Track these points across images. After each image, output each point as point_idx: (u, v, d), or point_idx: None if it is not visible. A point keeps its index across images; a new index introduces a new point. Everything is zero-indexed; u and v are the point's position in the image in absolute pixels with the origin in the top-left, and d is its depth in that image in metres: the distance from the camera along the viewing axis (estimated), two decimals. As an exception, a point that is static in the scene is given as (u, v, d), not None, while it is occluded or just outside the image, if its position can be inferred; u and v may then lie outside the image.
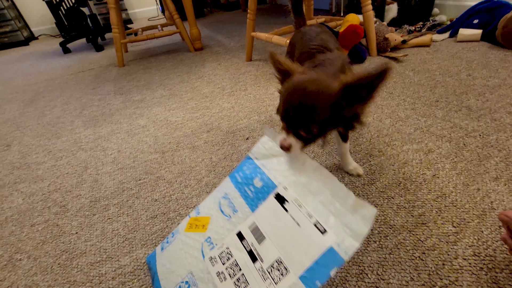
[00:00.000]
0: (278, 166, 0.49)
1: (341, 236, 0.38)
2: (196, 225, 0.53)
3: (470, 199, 0.58)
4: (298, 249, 0.40)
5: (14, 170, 0.93)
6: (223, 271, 0.44)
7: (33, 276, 0.56)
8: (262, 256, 0.42)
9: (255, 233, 0.45)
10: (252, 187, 0.49)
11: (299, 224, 0.41)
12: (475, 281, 0.44)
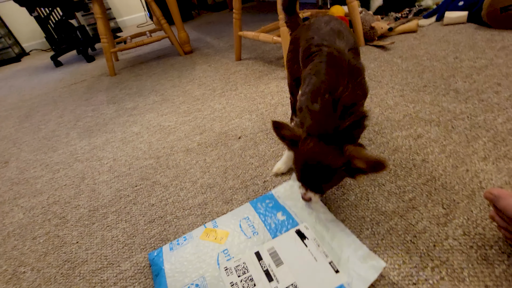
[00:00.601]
0: (301, 209, 0.57)
1: (351, 278, 0.44)
2: (214, 237, 0.56)
3: (459, 181, 0.59)
4: (313, 279, 0.45)
5: (13, 186, 0.94)
6: (237, 282, 0.46)
7: (37, 287, 0.58)
8: (278, 278, 0.46)
9: (273, 257, 0.49)
10: (274, 218, 0.56)
11: (316, 259, 0.47)
12: (465, 260, 0.45)
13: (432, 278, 0.44)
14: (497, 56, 1.02)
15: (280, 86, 1.20)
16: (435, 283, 0.43)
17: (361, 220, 0.55)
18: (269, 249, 0.50)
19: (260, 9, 3.15)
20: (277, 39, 1.24)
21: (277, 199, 0.61)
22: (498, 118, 0.73)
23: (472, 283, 0.42)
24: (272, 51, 1.66)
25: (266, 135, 0.89)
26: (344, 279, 0.44)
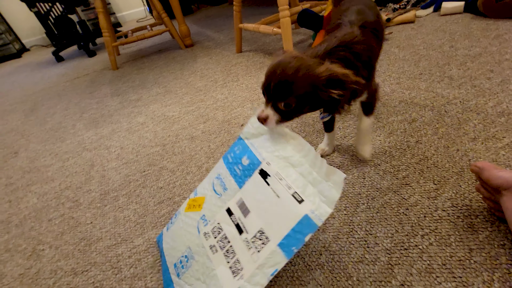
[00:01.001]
0: (264, 143, 0.52)
1: (316, 203, 0.41)
2: (193, 205, 0.57)
3: (450, 159, 0.63)
4: (277, 219, 0.43)
5: (25, 174, 0.98)
6: (214, 244, 0.48)
7: (57, 262, 0.62)
8: (247, 228, 0.45)
9: (241, 208, 0.48)
10: (240, 166, 0.52)
11: (279, 196, 0.44)
12: (452, 228, 0.49)
13: (422, 244, 0.48)
14: (491, 44, 1.05)
15: (280, 76, 1.23)
16: (424, 248, 0.47)
17: (358, 196, 0.59)
18: (237, 202, 0.49)
19: (259, 3, 3.15)
20: (277, 30, 1.27)
21: (244, 140, 0.56)
22: (489, 102, 0.77)
23: (457, 247, 0.46)
24: (272, 43, 1.68)
25: (267, 122, 0.93)
26: (308, 207, 0.41)
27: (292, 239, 0.40)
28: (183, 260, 0.50)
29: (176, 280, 0.49)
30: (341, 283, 0.46)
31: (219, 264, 0.46)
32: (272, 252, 0.41)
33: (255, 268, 0.42)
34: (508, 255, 0.44)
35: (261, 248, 0.42)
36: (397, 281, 0.44)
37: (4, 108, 1.74)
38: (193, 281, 0.47)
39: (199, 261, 0.48)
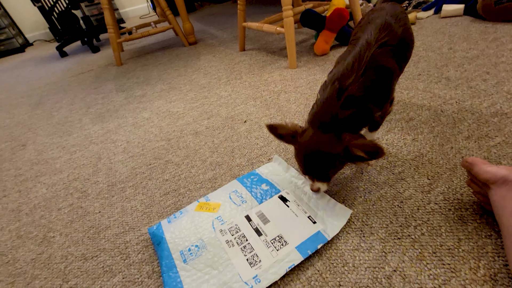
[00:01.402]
0: (282, 180, 0.67)
1: (325, 226, 0.54)
2: (206, 207, 0.63)
3: (444, 156, 0.66)
4: (295, 230, 0.54)
5: (34, 166, 1.01)
6: (231, 240, 0.55)
7: (67, 248, 0.65)
8: (267, 232, 0.55)
9: (261, 217, 0.58)
10: (260, 189, 0.65)
11: (297, 215, 0.57)
12: (443, 219, 0.52)
13: (414, 234, 0.51)
14: (489, 47, 1.08)
15: (283, 75, 1.26)
16: (417, 237, 0.50)
17: (355, 189, 0.62)
18: (257, 212, 0.60)
19: (263, 1, 3.17)
20: (281, 29, 1.29)
21: (261, 174, 0.70)
22: (484, 102, 0.79)
23: (447, 237, 0.49)
24: (275, 42, 1.71)
25: (270, 119, 0.96)
26: (320, 227, 0.54)
27: (307, 245, 0.51)
28: (193, 248, 0.54)
29: (181, 265, 0.52)
30: (338, 269, 0.49)
31: (235, 256, 0.52)
32: (290, 252, 0.51)
33: (274, 262, 0.50)
34: (494, 245, 0.47)
35: (280, 248, 0.52)
36: (390, 267, 0.47)
37: (10, 102, 1.77)
38: (202, 268, 0.51)
39: (212, 251, 0.53)
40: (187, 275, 0.50)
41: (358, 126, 0.53)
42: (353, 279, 0.47)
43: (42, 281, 0.59)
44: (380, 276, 0.46)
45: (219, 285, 0.48)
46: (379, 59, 0.51)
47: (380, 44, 0.53)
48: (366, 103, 0.51)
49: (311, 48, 1.50)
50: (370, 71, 0.50)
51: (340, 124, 0.50)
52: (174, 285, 0.49)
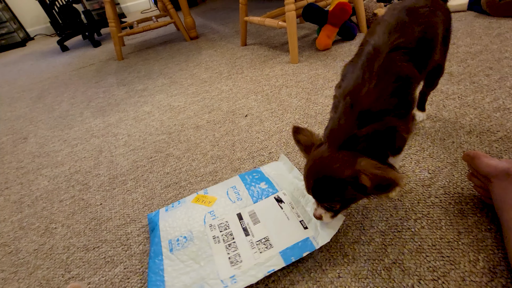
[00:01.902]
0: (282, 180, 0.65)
1: (317, 233, 0.51)
2: (203, 200, 0.64)
3: (445, 151, 0.65)
4: (283, 234, 0.53)
5: (35, 158, 1.02)
6: (218, 236, 0.55)
7: (69, 239, 0.66)
8: (254, 233, 0.54)
9: (252, 217, 0.58)
10: (258, 187, 0.64)
11: (289, 218, 0.56)
12: (443, 213, 0.52)
13: (414, 227, 0.51)
14: (492, 42, 1.07)
15: (284, 69, 1.26)
16: (416, 230, 0.51)
17: (356, 183, 0.62)
18: (249, 211, 0.59)
19: (264, -4, 3.15)
20: (283, 24, 1.28)
21: (263, 172, 0.69)
22: (486, 98, 0.79)
23: (447, 230, 0.49)
24: (277, 37, 1.70)
25: (271, 113, 0.96)
26: (310, 234, 0.51)
27: (292, 251, 0.49)
28: (181, 239, 0.55)
29: (166, 254, 0.53)
30: (338, 261, 0.49)
31: (219, 253, 0.52)
32: (273, 256, 0.49)
33: (254, 264, 0.49)
34: (493, 238, 0.47)
35: (264, 251, 0.51)
36: (389, 259, 0.47)
37: (11, 95, 1.77)
38: (186, 259, 0.52)
39: (198, 244, 0.54)
40: (169, 264, 0.51)
41: (381, 146, 0.44)
42: (353, 271, 0.47)
43: (45, 271, 0.59)
44: (379, 268, 0.47)
45: (196, 279, 0.48)
46: (393, 66, 0.44)
47: (392, 49, 0.45)
48: (385, 117, 0.43)
49: (313, 43, 1.49)
50: (384, 81, 0.43)
51: (360, 144, 0.42)
52: (157, 272, 0.50)
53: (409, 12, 0.49)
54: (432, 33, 0.50)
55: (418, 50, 0.47)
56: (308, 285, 0.47)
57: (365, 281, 0.45)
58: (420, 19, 0.48)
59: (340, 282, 0.46)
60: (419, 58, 0.47)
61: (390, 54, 0.45)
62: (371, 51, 0.46)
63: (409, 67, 0.45)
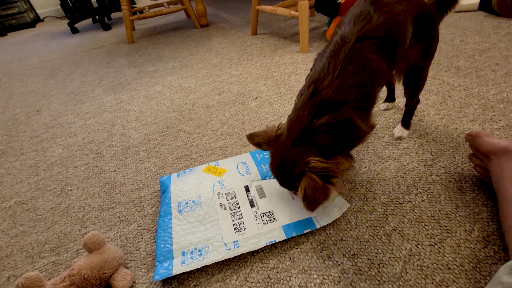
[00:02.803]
0: None
1: (320, 215, 0.53)
2: (213, 171, 0.67)
3: (448, 136, 0.68)
4: (287, 211, 0.55)
5: (49, 129, 1.05)
6: (225, 204, 0.58)
7: (85, 200, 0.69)
8: (259, 206, 0.57)
9: (259, 191, 0.60)
10: (267, 166, 0.65)
11: (294, 198, 0.57)
12: (443, 189, 0.55)
13: (415, 200, 0.54)
14: (501, 41, 1.09)
15: (294, 58, 1.28)
16: (417, 203, 0.54)
17: (360, 161, 0.65)
18: (256, 186, 0.61)
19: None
20: (295, 13, 1.30)
21: None
22: (491, 90, 0.81)
23: (446, 204, 0.52)
24: (287, 28, 1.72)
25: (280, 97, 0.99)
26: (313, 215, 0.54)
27: (294, 227, 0.52)
28: (190, 202, 0.59)
29: (175, 214, 0.57)
30: (341, 226, 0.52)
31: (224, 218, 0.55)
32: (275, 229, 0.52)
33: (256, 233, 0.52)
34: (489, 212, 0.50)
35: (267, 223, 0.53)
36: (390, 226, 0.50)
37: (23, 72, 1.80)
38: (193, 221, 0.55)
39: (205, 209, 0.57)
40: (177, 223, 0.55)
41: (337, 140, 0.45)
42: (355, 235, 0.50)
43: (62, 226, 0.63)
44: (380, 233, 0.50)
45: (202, 239, 0.52)
46: (358, 57, 0.44)
47: (358, 38, 0.44)
48: (342, 108, 0.43)
49: (323, 35, 1.51)
50: (347, 72, 0.43)
51: (316, 135, 0.44)
52: (165, 229, 0.54)
53: (373, 2, 0.47)
54: (396, 24, 0.48)
55: (388, 41, 0.46)
56: (312, 246, 0.50)
57: (366, 244, 0.48)
58: (383, 9, 0.46)
59: (342, 244, 0.49)
60: (386, 49, 0.46)
61: (356, 44, 0.44)
62: (338, 41, 0.45)
63: (376, 59, 0.45)
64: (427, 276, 0.43)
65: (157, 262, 0.49)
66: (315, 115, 0.44)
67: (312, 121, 0.44)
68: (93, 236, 0.49)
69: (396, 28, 0.47)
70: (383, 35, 0.46)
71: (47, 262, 0.55)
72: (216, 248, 0.50)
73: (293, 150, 0.46)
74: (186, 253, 0.50)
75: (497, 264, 0.42)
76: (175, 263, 0.48)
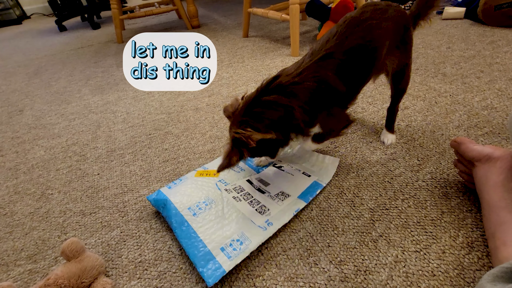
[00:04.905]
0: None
1: (320, 176, 0.62)
2: (206, 173, 0.66)
3: (434, 142, 0.69)
4: (293, 186, 0.60)
5: (31, 130, 1.01)
6: (238, 197, 0.59)
7: (66, 204, 0.66)
8: (269, 191, 0.60)
9: (261, 182, 0.63)
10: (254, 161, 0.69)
11: (293, 175, 0.64)
12: (429, 195, 0.56)
13: (401, 206, 0.54)
14: (485, 48, 1.12)
15: (285, 61, 1.28)
16: (403, 209, 0.54)
17: (349, 166, 0.65)
18: (256, 178, 0.64)
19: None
20: (286, 16, 1.31)
21: None
22: (476, 97, 0.83)
23: (432, 209, 0.53)
24: (279, 31, 1.72)
25: (270, 100, 0.98)
26: (315, 178, 0.62)
27: (307, 193, 0.58)
28: (201, 204, 0.58)
29: (191, 219, 0.54)
30: (328, 232, 0.52)
31: (245, 208, 0.56)
32: (293, 200, 0.57)
33: (280, 210, 0.55)
34: (473, 218, 0.50)
35: (284, 199, 0.58)
36: (377, 232, 0.50)
37: (6, 70, 1.74)
38: (213, 218, 0.55)
39: (220, 205, 0.57)
40: (199, 226, 0.53)
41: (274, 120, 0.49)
42: (342, 241, 0.50)
43: (40, 232, 0.60)
44: (367, 239, 0.49)
45: (233, 230, 0.51)
46: (319, 71, 0.50)
47: (323, 56, 0.51)
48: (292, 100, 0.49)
49: (314, 38, 1.52)
50: (307, 77, 0.50)
51: (253, 108, 0.49)
52: (189, 236, 0.51)
53: (351, 24, 0.53)
54: (370, 45, 0.53)
55: (347, 64, 0.52)
56: (299, 252, 0.49)
57: (353, 251, 0.48)
58: (359, 33, 0.52)
59: (329, 251, 0.49)
60: (347, 72, 0.52)
61: (319, 61, 0.51)
62: (309, 53, 0.53)
63: (333, 77, 0.51)
64: (412, 283, 0.42)
65: (199, 268, 0.46)
66: (266, 93, 0.50)
67: (260, 97, 0.49)
68: (72, 243, 0.47)
69: (367, 52, 0.53)
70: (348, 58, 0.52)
71: (23, 270, 0.53)
72: (254, 232, 0.50)
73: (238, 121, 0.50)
74: (226, 247, 0.49)
75: (480, 270, 0.43)
76: (221, 260, 0.47)
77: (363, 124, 0.79)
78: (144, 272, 0.49)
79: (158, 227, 0.57)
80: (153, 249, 0.53)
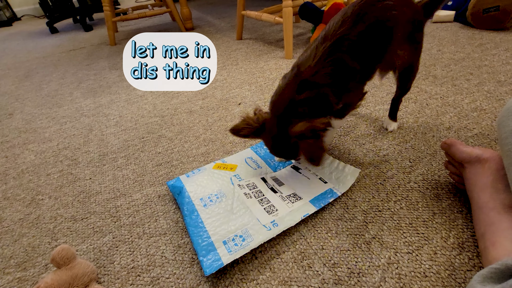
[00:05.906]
0: None
1: (337, 184, 0.60)
2: (224, 167, 0.68)
3: (426, 143, 0.70)
4: (307, 190, 0.59)
5: (21, 134, 0.99)
6: (249, 193, 0.59)
7: (57, 210, 0.65)
8: (282, 191, 0.60)
9: (276, 180, 0.63)
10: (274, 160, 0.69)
11: (309, 178, 0.63)
12: (421, 196, 0.56)
13: (394, 208, 0.55)
14: (474, 51, 1.14)
15: (278, 64, 1.29)
16: (396, 211, 0.54)
17: (342, 168, 0.66)
18: (272, 177, 0.64)
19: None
20: (279, 19, 1.31)
21: None
22: (465, 99, 0.85)
23: (423, 211, 0.53)
24: (273, 34, 1.73)
25: (264, 103, 0.98)
26: (331, 186, 0.59)
27: (320, 199, 0.57)
28: (212, 196, 0.59)
29: (201, 209, 0.56)
30: (322, 235, 0.52)
31: (253, 205, 0.56)
32: (304, 204, 0.56)
33: (289, 212, 0.54)
34: (464, 219, 0.51)
35: (295, 202, 0.57)
36: (369, 234, 0.51)
37: (-5, 72, 1.71)
38: (222, 212, 0.55)
39: (231, 199, 0.58)
40: (207, 217, 0.54)
41: (315, 110, 0.52)
42: (335, 244, 0.50)
43: (30, 239, 0.59)
44: (360, 242, 0.50)
45: (238, 225, 0.52)
46: (336, 53, 0.51)
47: (337, 39, 0.51)
48: (321, 89, 0.51)
49: (307, 41, 1.53)
50: (326, 62, 0.51)
51: (296, 108, 0.51)
52: (196, 225, 0.53)
53: (362, 7, 0.53)
54: (385, 28, 0.55)
55: (360, 44, 0.52)
56: (293, 255, 0.49)
57: (347, 253, 0.48)
58: (370, 14, 0.53)
59: (323, 254, 0.49)
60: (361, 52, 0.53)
61: (334, 43, 0.51)
62: (322, 37, 0.53)
63: (348, 57, 0.52)
64: (405, 285, 0.43)
65: (200, 257, 0.48)
66: (297, 92, 0.51)
67: (293, 97, 0.51)
68: (62, 250, 0.46)
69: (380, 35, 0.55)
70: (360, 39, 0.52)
71: (12, 278, 0.52)
72: (257, 231, 0.50)
73: (281, 126, 0.52)
74: (228, 241, 0.49)
75: (471, 271, 0.43)
76: (221, 253, 0.47)
77: (356, 127, 0.80)
78: (137, 278, 0.49)
79: (151, 232, 0.57)
80: (146, 254, 0.53)
